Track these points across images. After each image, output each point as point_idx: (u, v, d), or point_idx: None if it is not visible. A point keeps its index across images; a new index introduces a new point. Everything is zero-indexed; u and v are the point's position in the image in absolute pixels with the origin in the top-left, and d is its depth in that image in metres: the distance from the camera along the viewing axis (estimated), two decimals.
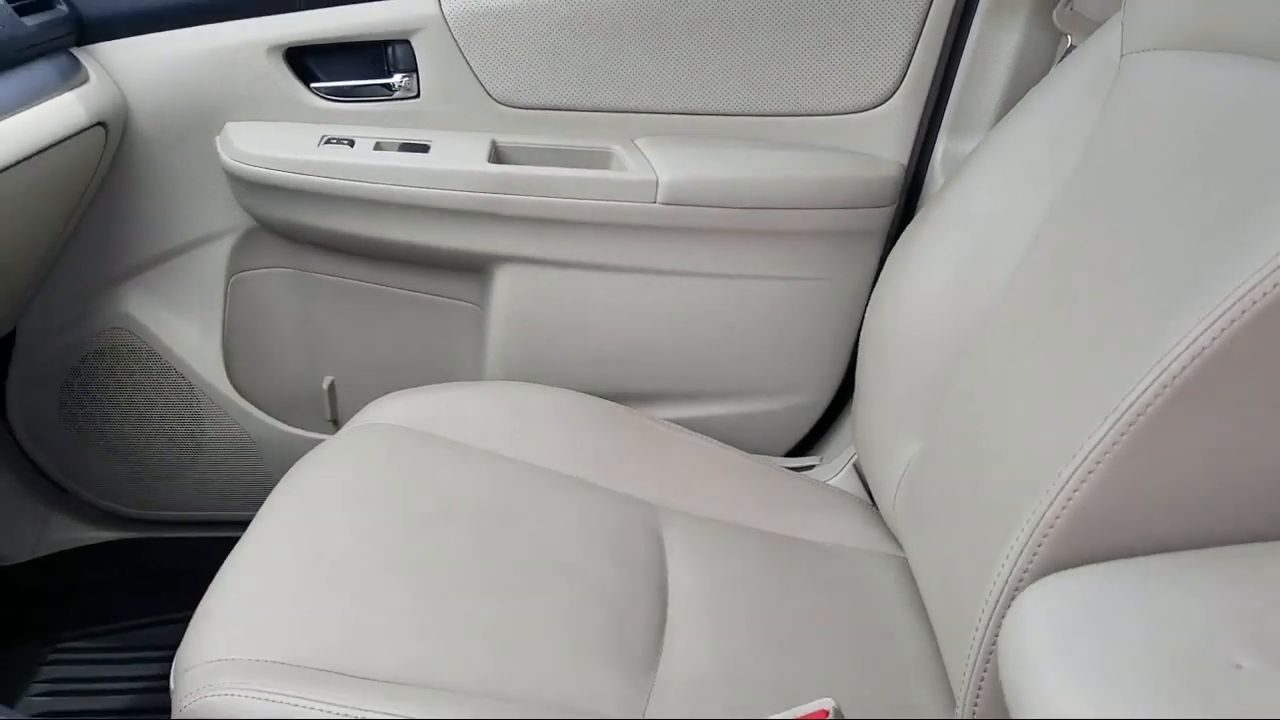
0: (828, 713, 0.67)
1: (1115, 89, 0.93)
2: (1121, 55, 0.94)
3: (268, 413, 1.33)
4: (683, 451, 1.16)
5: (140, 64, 1.19)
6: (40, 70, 1.09)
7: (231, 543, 0.91)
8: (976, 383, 0.91)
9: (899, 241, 1.11)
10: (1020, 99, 1.04)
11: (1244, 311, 0.57)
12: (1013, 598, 0.62)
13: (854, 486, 1.19)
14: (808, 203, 1.20)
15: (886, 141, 1.23)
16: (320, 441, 1.13)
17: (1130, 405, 0.59)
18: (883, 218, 1.23)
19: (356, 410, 1.15)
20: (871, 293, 1.16)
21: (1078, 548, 0.60)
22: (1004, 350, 0.89)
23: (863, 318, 1.15)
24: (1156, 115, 0.85)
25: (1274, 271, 0.56)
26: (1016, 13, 1.16)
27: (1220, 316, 0.57)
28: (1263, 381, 0.57)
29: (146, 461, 1.34)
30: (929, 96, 1.21)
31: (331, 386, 1.35)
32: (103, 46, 1.19)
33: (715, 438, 1.20)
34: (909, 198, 1.25)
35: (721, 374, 1.29)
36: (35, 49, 1.10)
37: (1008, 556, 0.64)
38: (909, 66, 1.20)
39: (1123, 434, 0.59)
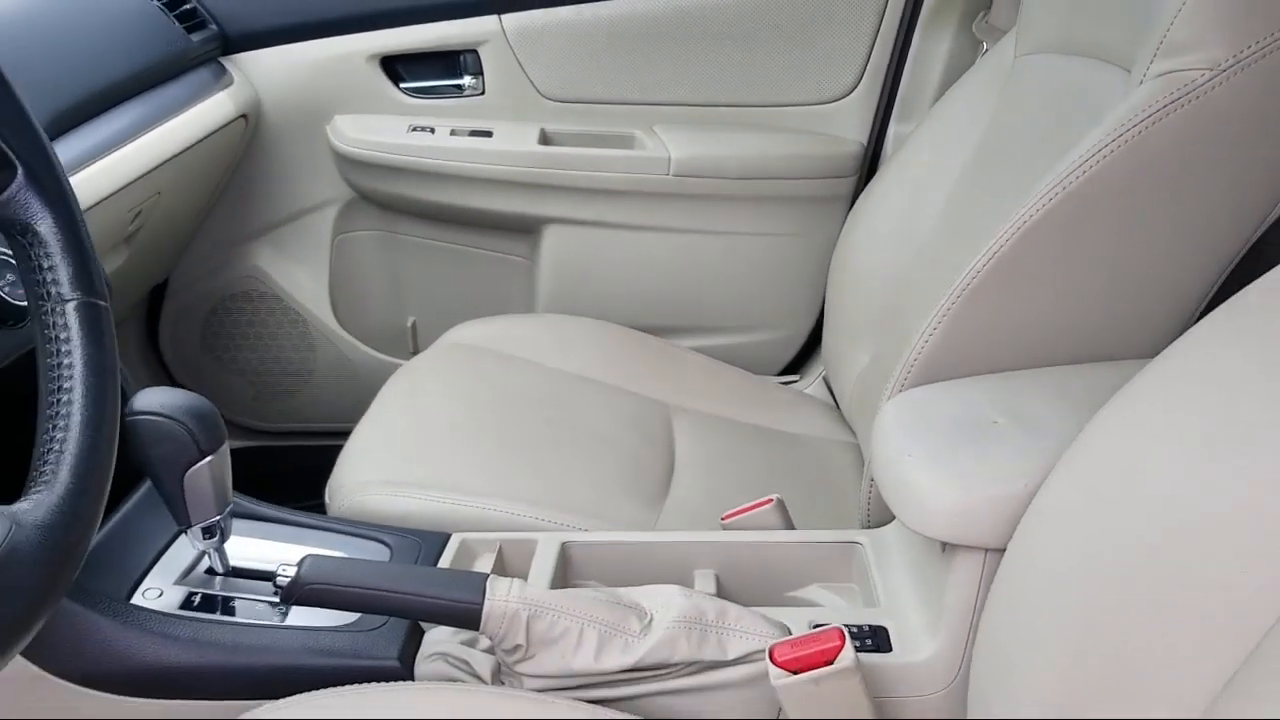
0: (772, 501, 0.99)
1: (1008, 82, 1.24)
2: (1014, 57, 1.25)
3: (364, 343, 1.66)
4: (691, 367, 1.47)
5: (270, 69, 1.53)
6: (201, 75, 1.44)
7: (338, 448, 1.17)
8: (906, 302, 1.22)
9: (857, 202, 1.42)
10: (947, 91, 1.36)
11: (1037, 210, 0.88)
12: None
13: (823, 394, 1.50)
14: (788, 174, 1.52)
15: (849, 125, 1.55)
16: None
17: (967, 275, 0.91)
18: (847, 185, 1.54)
19: (431, 343, 1.48)
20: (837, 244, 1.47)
21: (929, 376, 0.93)
22: (927, 274, 1.20)
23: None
24: (1029, 99, 1.16)
25: (1053, 187, 0.88)
26: (947, 26, 1.47)
27: (1022, 215, 0.89)
28: (1049, 260, 0.89)
29: (269, 383, 1.68)
30: (882, 91, 1.53)
31: (413, 325, 1.68)
32: (242, 56, 1.52)
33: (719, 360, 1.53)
34: (869, 170, 1.56)
35: (722, 310, 1.60)
36: (198, 59, 1.44)
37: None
38: (865, 68, 1.52)
39: (959, 295, 0.91)
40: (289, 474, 1.62)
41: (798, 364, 1.65)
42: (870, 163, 1.56)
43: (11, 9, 1.18)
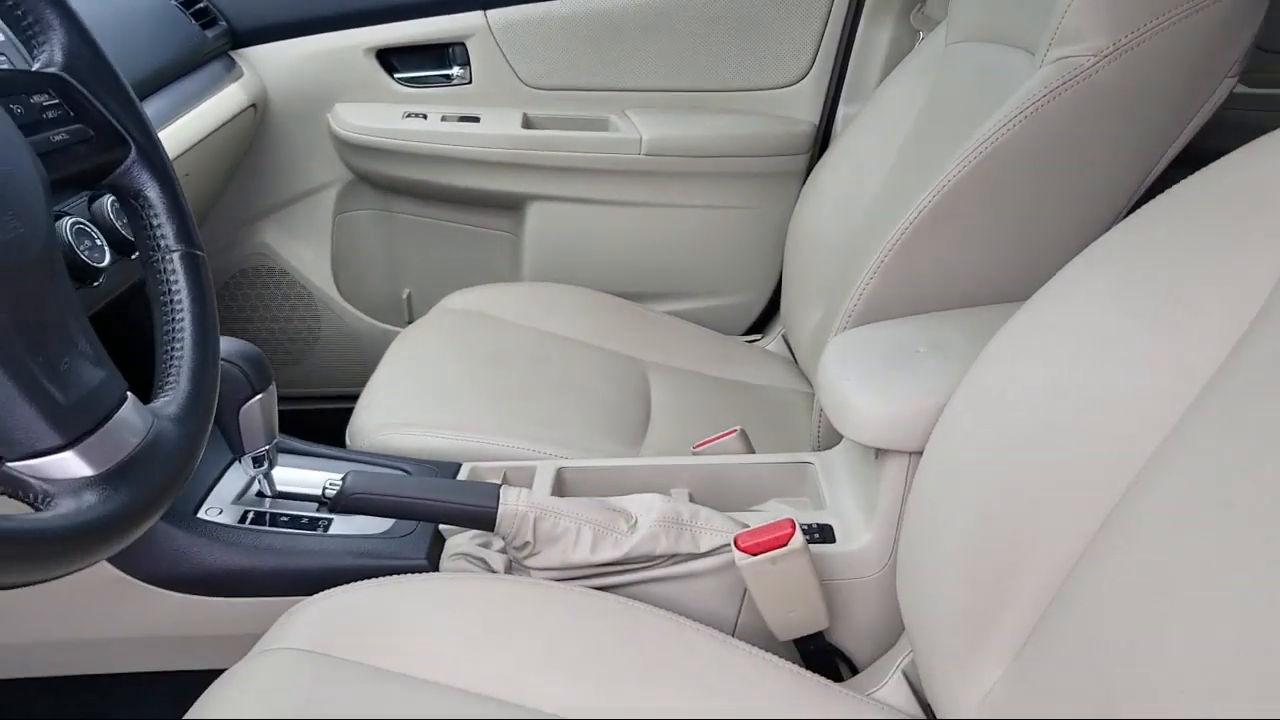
0: (736, 430, 1.15)
1: (941, 67, 1.40)
2: (946, 45, 1.41)
3: (364, 313, 1.81)
4: (663, 328, 1.63)
5: (276, 62, 1.67)
6: (214, 68, 1.57)
7: (340, 410, 1.32)
8: (851, 263, 1.38)
9: (809, 177, 1.58)
10: (888, 76, 1.52)
11: (953, 176, 1.05)
12: None
13: (783, 350, 1.67)
14: (747, 152, 1.68)
15: (802, 108, 1.71)
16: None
17: (898, 229, 1.07)
18: (801, 162, 1.70)
19: (426, 312, 1.63)
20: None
21: (866, 319, 1.09)
22: (869, 238, 1.36)
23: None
24: (957, 81, 1.32)
25: (966, 156, 1.04)
26: (887, 18, 1.63)
27: (941, 180, 1.05)
28: (965, 217, 1.06)
29: (277, 350, 1.82)
30: (831, 77, 1.69)
31: (409, 295, 1.83)
32: (250, 50, 1.66)
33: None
34: (820, 147, 1.72)
35: (691, 277, 1.76)
36: (210, 53, 1.58)
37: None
38: (816, 56, 1.68)
39: (890, 249, 1.07)
40: (293, 431, 1.79)
41: (760, 324, 1.81)
42: (821, 141, 1.72)
43: None
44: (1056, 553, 0.76)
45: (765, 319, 1.80)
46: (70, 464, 0.57)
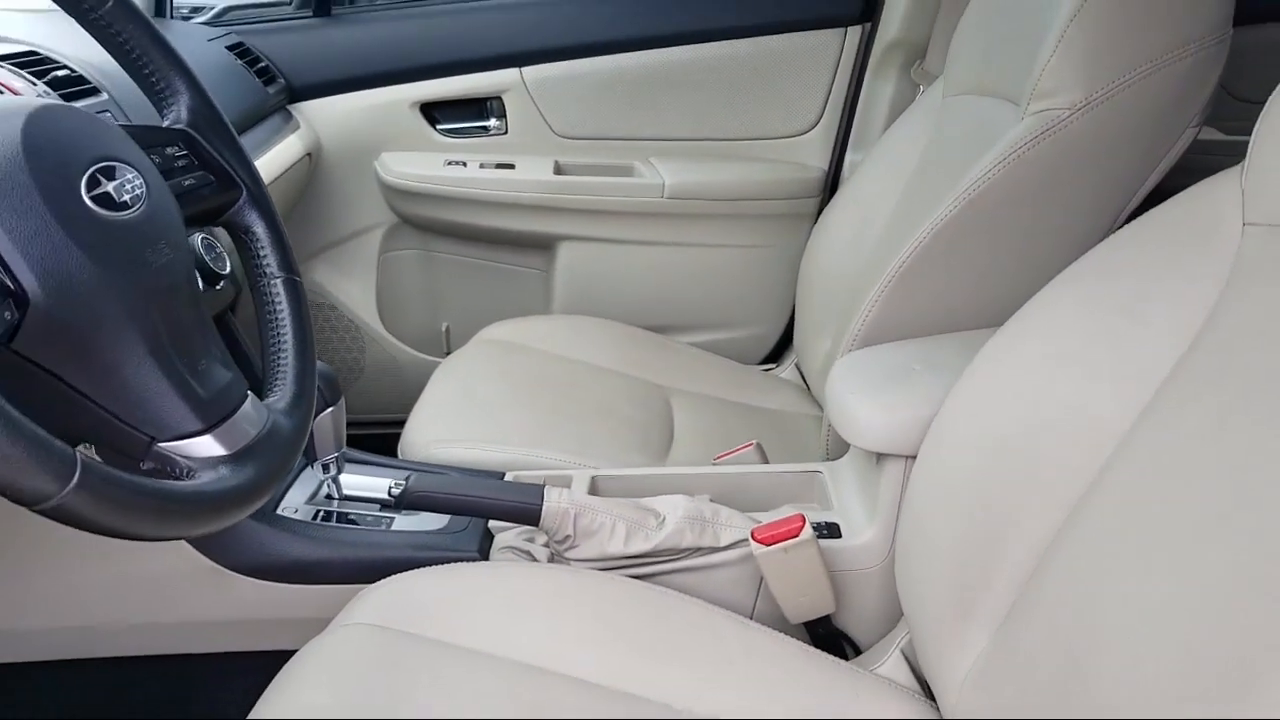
0: (753, 444, 1.28)
1: (939, 117, 1.54)
2: (943, 98, 1.55)
3: (406, 344, 1.95)
4: (685, 358, 1.75)
5: (328, 116, 1.82)
6: (275, 120, 1.72)
7: (385, 435, 1.44)
8: (855, 299, 1.51)
9: (819, 218, 1.71)
10: (891, 126, 1.66)
11: (945, 216, 1.18)
12: None
13: (796, 378, 1.79)
14: (762, 195, 1.82)
15: (812, 155, 1.85)
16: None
17: (898, 261, 1.20)
18: (812, 205, 1.84)
19: (462, 344, 1.75)
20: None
21: (869, 343, 1.22)
22: (874, 273, 1.49)
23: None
24: (952, 130, 1.46)
25: (957, 198, 1.17)
26: (890, 73, 1.78)
27: (934, 219, 1.18)
28: (956, 251, 1.19)
29: None
30: (839, 126, 1.83)
31: (447, 329, 1.97)
32: (305, 104, 1.81)
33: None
34: (829, 191, 1.86)
35: (710, 310, 1.89)
36: (271, 108, 1.73)
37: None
38: (825, 107, 1.83)
39: (890, 280, 1.20)
40: None
41: (775, 354, 1.93)
42: (830, 185, 1.85)
43: (106, 69, 1.46)
44: (1031, 539, 0.88)
45: (780, 349, 1.93)
46: (208, 445, 0.70)
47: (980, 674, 0.91)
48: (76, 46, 1.23)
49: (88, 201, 0.66)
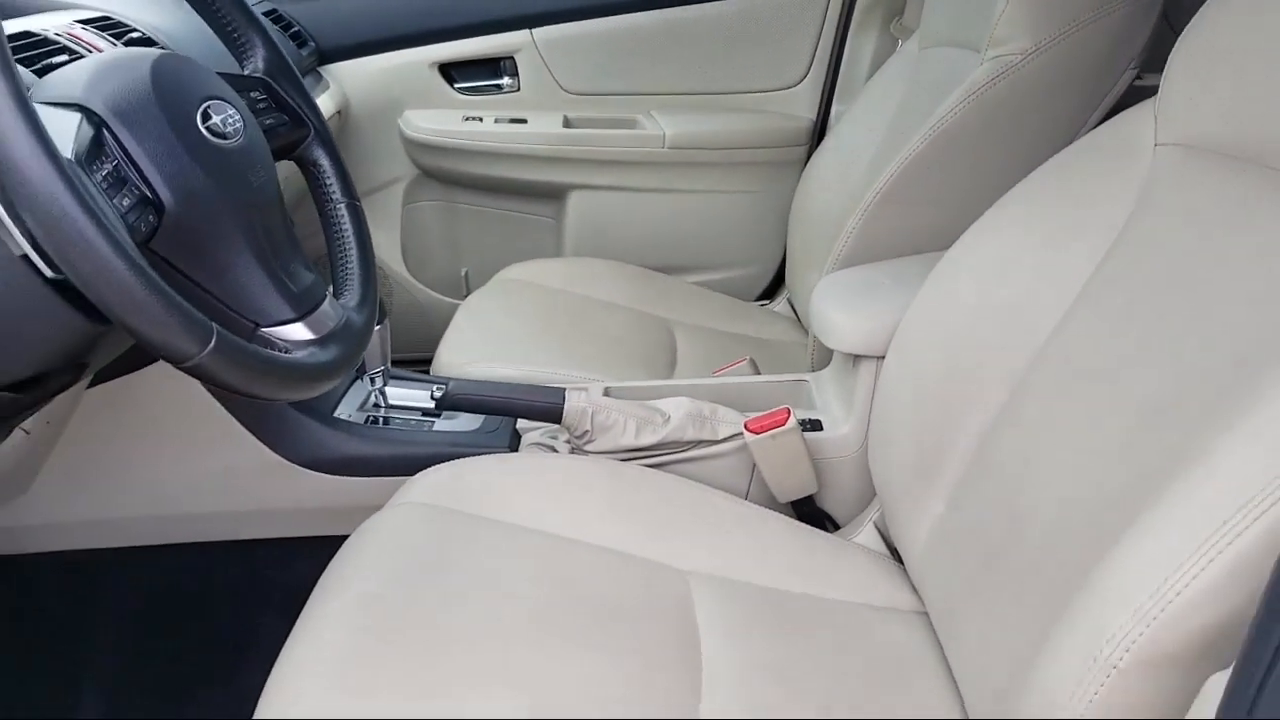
0: (747, 359, 1.44)
1: (915, 68, 1.68)
2: (918, 50, 1.70)
3: (429, 288, 2.11)
4: (687, 295, 1.90)
5: (355, 76, 1.97)
6: (307, 81, 1.87)
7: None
8: (840, 233, 1.66)
9: (808, 165, 1.87)
10: (870, 78, 1.81)
11: (912, 151, 1.33)
12: None
13: (788, 312, 1.95)
14: (755, 144, 1.97)
15: (801, 106, 2.00)
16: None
17: (871, 192, 1.36)
18: (801, 152, 1.99)
19: (479, 286, 1.90)
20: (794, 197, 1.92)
21: (848, 264, 1.38)
22: (853, 210, 1.64)
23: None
24: (926, 79, 1.61)
25: (923, 135, 1.33)
26: (871, 29, 1.92)
27: (903, 154, 1.34)
28: (923, 183, 1.35)
29: None
30: (825, 79, 1.98)
31: (466, 273, 2.13)
32: (334, 65, 1.96)
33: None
34: (817, 139, 2.01)
35: (709, 251, 2.04)
36: (304, 69, 1.88)
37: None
38: (812, 62, 1.98)
39: (866, 207, 1.37)
40: None
41: (770, 291, 2.09)
42: (818, 134, 2.00)
43: (169, 32, 1.61)
44: (979, 419, 1.05)
45: (774, 286, 2.09)
46: (299, 331, 0.87)
47: (937, 534, 1.08)
48: (140, 12, 1.38)
49: (203, 131, 0.82)
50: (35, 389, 0.88)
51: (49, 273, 0.72)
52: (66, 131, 0.73)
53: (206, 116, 0.83)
